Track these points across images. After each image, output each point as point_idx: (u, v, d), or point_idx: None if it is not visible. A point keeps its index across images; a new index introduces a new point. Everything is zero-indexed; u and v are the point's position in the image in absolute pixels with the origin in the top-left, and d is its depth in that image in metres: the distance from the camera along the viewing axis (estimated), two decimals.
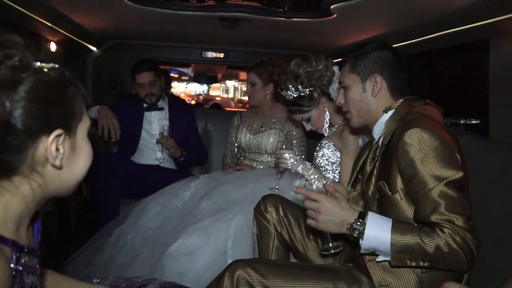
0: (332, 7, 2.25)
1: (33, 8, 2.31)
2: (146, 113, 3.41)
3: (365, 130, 2.00)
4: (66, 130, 0.88)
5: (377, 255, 1.52)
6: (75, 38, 3.24)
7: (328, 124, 2.39)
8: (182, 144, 3.31)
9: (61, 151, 0.88)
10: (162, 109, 3.45)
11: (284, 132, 2.95)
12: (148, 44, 3.96)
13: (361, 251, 1.55)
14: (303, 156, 2.80)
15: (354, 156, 2.19)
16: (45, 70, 0.85)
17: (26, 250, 0.90)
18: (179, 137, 3.31)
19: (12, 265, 0.84)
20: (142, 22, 2.97)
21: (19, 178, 0.86)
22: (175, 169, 3.38)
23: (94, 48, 3.83)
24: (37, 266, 0.94)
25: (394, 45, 2.74)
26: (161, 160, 3.32)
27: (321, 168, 2.37)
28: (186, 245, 2.11)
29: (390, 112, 1.68)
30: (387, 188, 1.56)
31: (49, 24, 2.62)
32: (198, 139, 3.57)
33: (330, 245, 1.70)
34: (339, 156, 2.32)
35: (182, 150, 3.29)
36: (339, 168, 2.32)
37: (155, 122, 3.42)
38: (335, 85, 2.30)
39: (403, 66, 1.72)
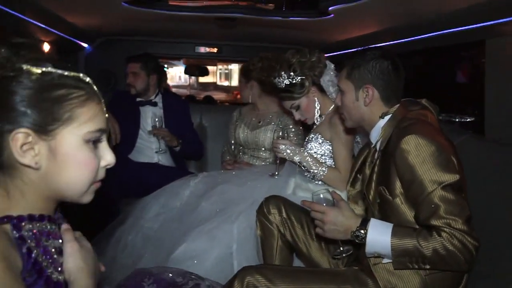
0: (330, 8, 2.25)
1: (27, 11, 2.28)
2: (141, 109, 3.38)
3: (360, 129, 2.03)
4: (35, 131, 0.87)
5: (382, 258, 1.58)
6: (67, 37, 3.19)
7: (318, 114, 2.44)
8: (175, 134, 3.29)
9: (36, 151, 0.88)
10: (155, 104, 3.41)
11: (281, 127, 2.96)
12: (140, 40, 3.92)
13: (366, 255, 1.61)
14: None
15: (346, 143, 2.27)
16: (34, 72, 0.86)
17: (37, 217, 0.93)
18: (175, 132, 3.28)
19: (14, 234, 0.88)
20: (136, 21, 2.93)
21: (3, 176, 0.90)
22: (173, 166, 3.37)
23: (86, 45, 3.77)
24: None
25: (387, 43, 2.80)
26: (159, 150, 3.30)
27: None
28: (191, 249, 2.13)
29: (387, 118, 1.71)
30: (387, 193, 1.61)
31: (43, 26, 2.58)
32: (195, 134, 3.56)
33: (341, 249, 1.79)
34: (327, 148, 2.37)
35: (178, 139, 3.29)
36: (328, 159, 2.37)
37: (150, 118, 3.38)
38: (326, 77, 2.37)
39: (399, 76, 1.73)
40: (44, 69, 0.88)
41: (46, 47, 2.88)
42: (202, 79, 12.89)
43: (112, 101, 3.41)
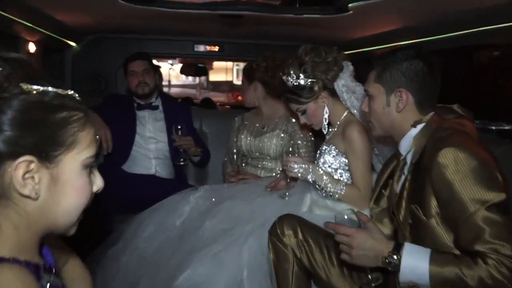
0: (350, 5, 2.20)
1: (11, 9, 2.22)
2: (139, 114, 3.31)
3: (388, 139, 1.98)
4: (39, 158, 0.86)
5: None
6: (54, 35, 3.12)
7: (327, 122, 2.36)
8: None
9: (36, 180, 0.87)
10: (156, 107, 3.35)
11: (288, 133, 2.88)
12: (133, 38, 3.86)
13: (400, 285, 1.54)
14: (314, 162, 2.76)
15: (363, 157, 2.20)
16: (33, 92, 0.85)
17: (46, 268, 0.94)
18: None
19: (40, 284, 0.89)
20: (132, 18, 2.87)
21: (1, 202, 0.88)
22: (171, 178, 3.30)
23: (73, 43, 3.70)
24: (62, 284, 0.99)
25: (408, 41, 2.75)
26: (183, 161, 3.24)
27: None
28: (196, 276, 2.06)
29: (419, 127, 1.66)
30: (421, 212, 1.55)
31: (28, 24, 2.52)
32: (199, 138, 3.49)
33: (370, 277, 1.71)
34: (342, 161, 2.29)
35: (198, 147, 3.24)
36: (344, 173, 2.30)
37: (149, 124, 3.31)
38: (341, 81, 2.27)
39: (436, 78, 1.68)
40: (43, 88, 0.86)
41: (31, 47, 2.82)
42: (215, 78, 12.36)
43: (104, 105, 3.33)
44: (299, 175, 2.28)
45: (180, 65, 6.93)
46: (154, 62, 3.65)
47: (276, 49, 3.04)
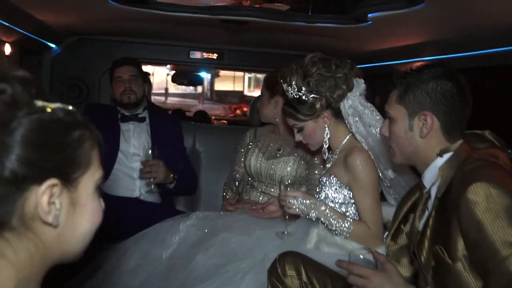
0: (370, 15, 2.21)
1: None
2: (123, 127, 3.30)
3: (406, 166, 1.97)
4: (63, 180, 0.89)
5: None
6: (33, 36, 3.13)
7: (327, 145, 2.32)
8: (168, 167, 3.17)
9: (57, 205, 0.88)
10: (143, 119, 3.34)
11: (307, 160, 2.82)
12: (122, 41, 3.89)
13: None
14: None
15: (370, 189, 2.18)
16: (48, 110, 0.87)
17: None
18: (163, 158, 3.16)
19: None
20: (121, 20, 2.89)
21: (11, 235, 0.87)
22: (158, 202, 3.28)
23: (53, 45, 3.71)
24: None
25: (433, 57, 2.76)
26: (150, 190, 3.16)
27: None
28: None
29: (446, 156, 1.65)
30: (445, 254, 1.54)
31: (6, 24, 2.53)
32: (187, 162, 3.47)
33: None
34: (346, 193, 2.26)
35: (173, 174, 3.18)
36: (350, 208, 2.27)
37: (134, 139, 3.30)
38: (348, 101, 2.23)
39: (466, 101, 1.68)
40: (56, 105, 0.89)
41: (7, 49, 2.83)
42: (221, 87, 12.14)
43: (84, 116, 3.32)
44: (299, 211, 2.23)
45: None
46: (148, 67, 3.65)
47: (281, 59, 3.04)
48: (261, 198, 2.92)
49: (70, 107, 0.93)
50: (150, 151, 3.06)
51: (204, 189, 3.60)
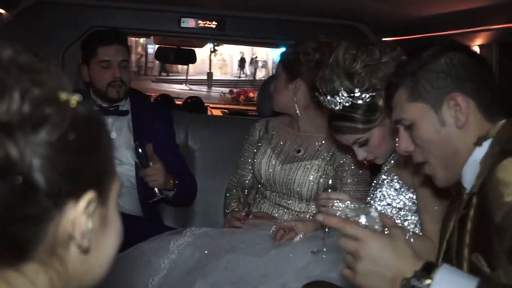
0: None
1: None
2: None
3: None
4: (99, 193, 0.91)
5: None
6: None
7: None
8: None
9: (89, 225, 0.90)
10: (125, 113, 3.38)
11: (335, 166, 2.85)
12: (92, 5, 3.90)
13: None
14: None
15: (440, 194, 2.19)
16: (73, 102, 0.88)
17: None
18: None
19: None
20: None
21: (32, 266, 0.88)
22: (140, 216, 3.32)
23: (1, 10, 3.73)
24: None
25: (497, 26, 2.78)
26: (157, 197, 3.15)
27: None
28: None
29: (486, 145, 1.65)
30: (483, 262, 1.56)
31: None
32: (183, 163, 3.51)
33: None
34: (409, 197, 2.30)
35: (173, 179, 3.19)
36: (411, 216, 2.31)
37: (114, 135, 3.31)
38: None
39: (490, 69, 1.76)
40: (78, 97, 0.89)
41: None
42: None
43: None
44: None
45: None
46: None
47: (302, 28, 3.05)
48: (274, 212, 2.94)
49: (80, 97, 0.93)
50: (140, 150, 3.07)
51: (199, 199, 3.62)
